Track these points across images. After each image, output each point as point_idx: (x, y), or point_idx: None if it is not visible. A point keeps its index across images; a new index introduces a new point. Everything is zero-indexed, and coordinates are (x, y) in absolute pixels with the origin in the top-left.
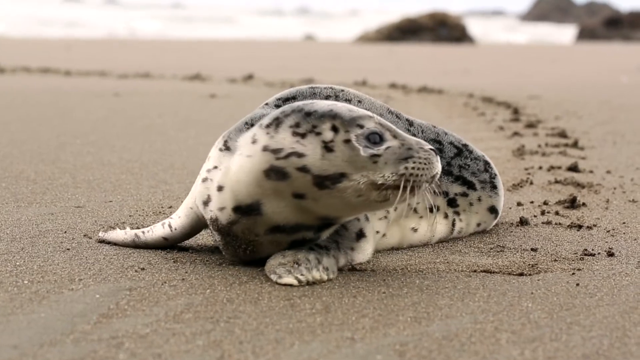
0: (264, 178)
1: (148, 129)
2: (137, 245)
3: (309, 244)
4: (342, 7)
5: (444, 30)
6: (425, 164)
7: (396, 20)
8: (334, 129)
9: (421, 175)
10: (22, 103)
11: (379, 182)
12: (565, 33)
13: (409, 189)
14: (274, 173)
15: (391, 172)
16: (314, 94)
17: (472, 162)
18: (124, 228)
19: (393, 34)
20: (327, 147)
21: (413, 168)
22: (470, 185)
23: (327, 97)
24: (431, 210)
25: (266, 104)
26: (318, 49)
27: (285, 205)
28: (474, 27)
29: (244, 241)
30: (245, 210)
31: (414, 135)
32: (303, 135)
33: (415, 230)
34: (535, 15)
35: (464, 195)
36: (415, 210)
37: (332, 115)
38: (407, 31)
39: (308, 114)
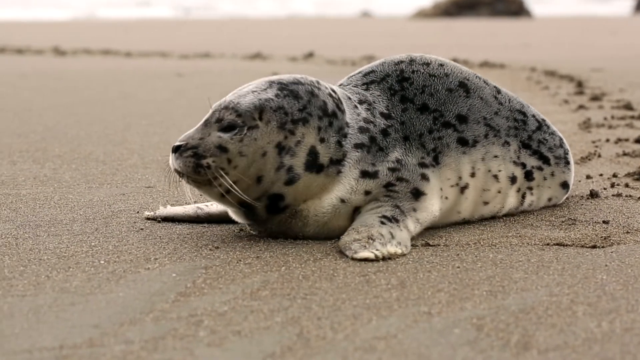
0: None
1: None
2: (199, 217)
3: (376, 215)
4: None
5: (501, 4)
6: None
7: None
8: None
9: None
10: (85, 85)
11: None
12: (623, 5)
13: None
14: None
15: None
16: (384, 62)
17: (549, 137)
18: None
19: (449, 9)
20: None
21: None
22: (546, 160)
23: (399, 63)
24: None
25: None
26: (376, 25)
27: None
28: (531, 0)
29: None
30: None
31: (500, 103)
32: None
33: (486, 203)
34: None
35: (540, 169)
36: (496, 178)
37: None
38: (463, 6)
39: None
